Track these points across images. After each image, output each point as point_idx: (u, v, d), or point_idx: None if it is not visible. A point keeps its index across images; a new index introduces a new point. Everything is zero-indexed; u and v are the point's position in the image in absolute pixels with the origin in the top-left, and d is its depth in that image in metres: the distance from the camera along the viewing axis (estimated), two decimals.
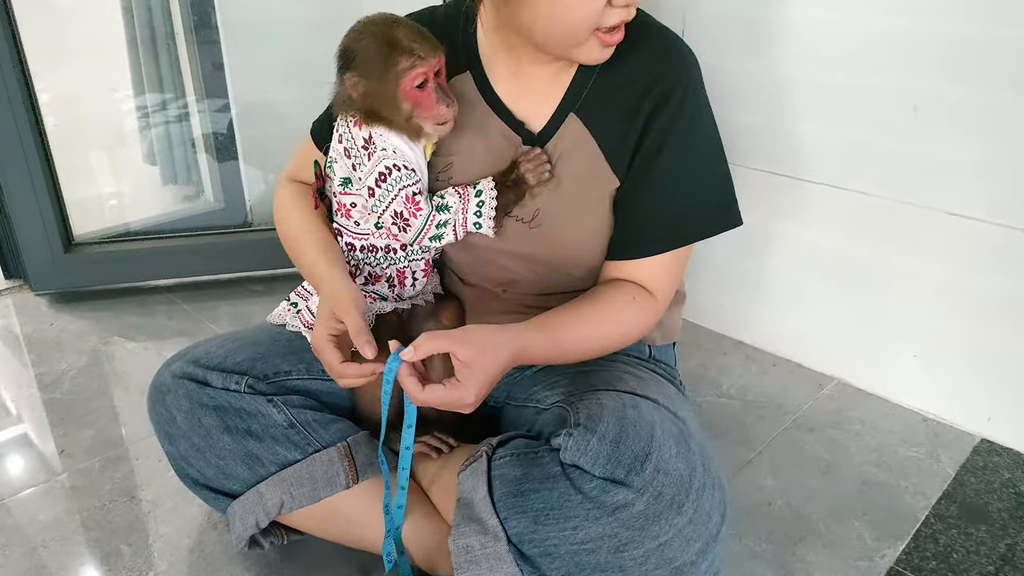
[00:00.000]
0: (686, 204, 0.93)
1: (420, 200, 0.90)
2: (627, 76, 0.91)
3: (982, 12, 1.07)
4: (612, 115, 0.92)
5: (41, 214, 1.59)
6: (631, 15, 0.85)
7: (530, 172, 0.91)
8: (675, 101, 0.90)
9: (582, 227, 0.95)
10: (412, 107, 0.86)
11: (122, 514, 1.09)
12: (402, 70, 0.84)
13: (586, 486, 0.80)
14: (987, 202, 1.14)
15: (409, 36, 0.85)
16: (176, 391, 0.99)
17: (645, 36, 0.91)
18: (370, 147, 0.89)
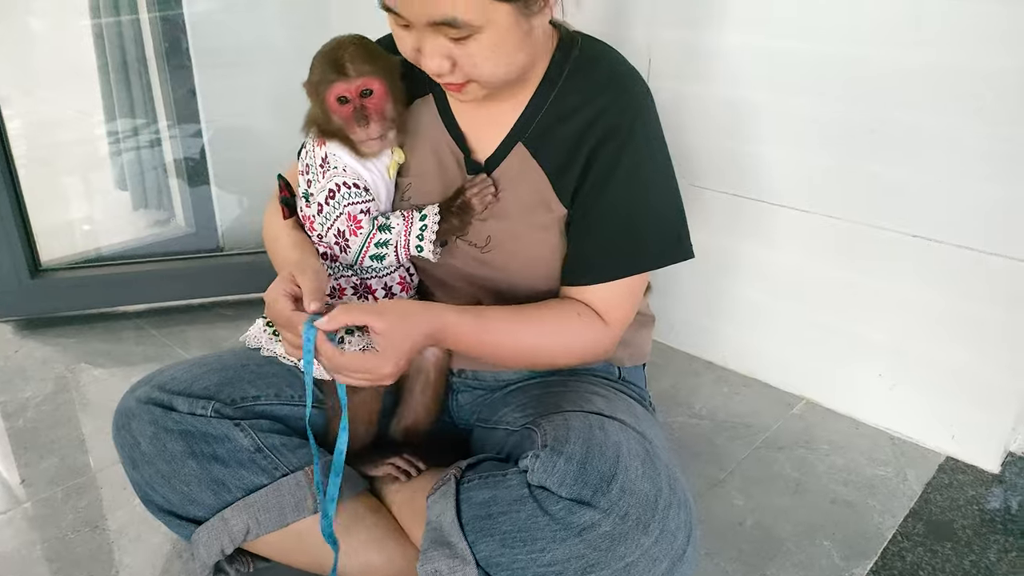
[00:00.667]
0: (634, 235, 0.93)
1: (362, 220, 0.93)
2: (575, 107, 0.92)
3: (934, 39, 1.10)
4: (558, 145, 0.93)
5: (7, 239, 1.57)
6: (443, 81, 0.86)
7: (475, 197, 0.93)
8: (622, 133, 0.90)
9: (530, 253, 0.96)
10: (340, 122, 0.90)
11: (85, 544, 1.07)
12: (327, 82, 0.89)
13: (553, 507, 0.80)
14: (947, 224, 1.17)
15: (350, 54, 0.89)
16: (141, 416, 0.97)
17: (595, 68, 0.93)
18: (326, 165, 0.93)
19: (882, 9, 1.13)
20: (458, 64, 0.83)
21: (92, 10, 1.88)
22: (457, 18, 0.77)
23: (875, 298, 1.27)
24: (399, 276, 1.00)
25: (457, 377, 1.08)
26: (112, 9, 1.88)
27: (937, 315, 1.21)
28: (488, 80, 0.85)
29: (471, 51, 0.81)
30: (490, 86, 0.87)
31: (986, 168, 1.11)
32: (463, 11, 0.77)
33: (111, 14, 1.88)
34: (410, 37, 0.83)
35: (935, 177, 1.16)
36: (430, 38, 0.81)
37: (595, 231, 0.93)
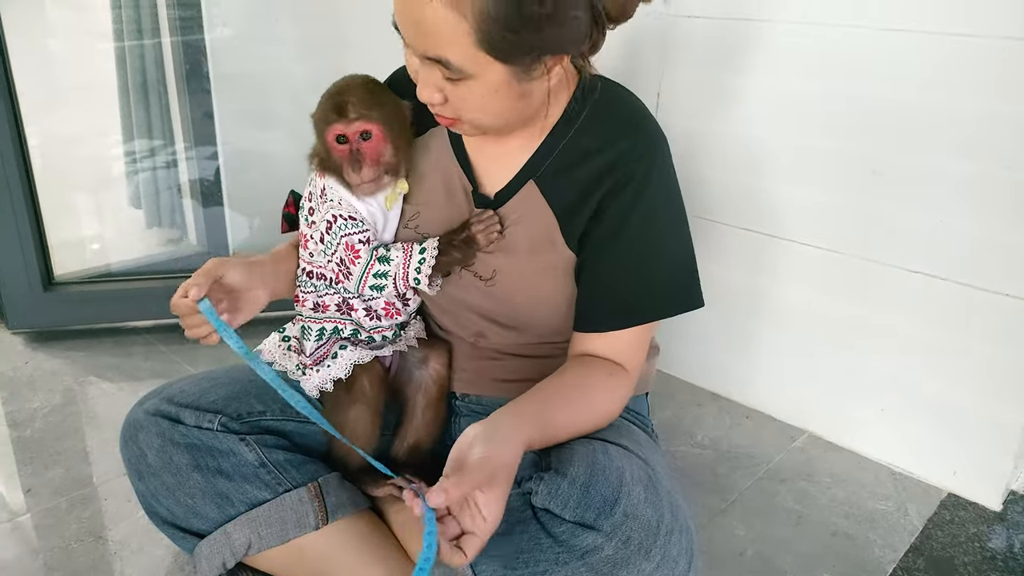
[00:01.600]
0: (648, 284, 0.93)
1: (361, 249, 0.94)
2: (590, 151, 0.92)
3: (939, 81, 1.13)
4: (570, 187, 0.93)
5: (23, 252, 1.60)
6: (434, 111, 0.86)
7: (480, 233, 0.94)
8: (638, 181, 0.90)
9: (535, 292, 0.97)
10: (337, 160, 0.92)
11: (87, 554, 1.07)
12: (327, 122, 0.91)
13: (556, 529, 0.80)
14: (950, 262, 1.18)
15: (353, 97, 0.90)
16: (148, 428, 0.99)
17: (613, 113, 0.93)
18: (325, 196, 0.95)
19: (887, 53, 1.16)
20: (449, 100, 0.83)
21: (116, 33, 1.93)
22: (450, 60, 0.78)
23: (878, 333, 1.28)
24: (384, 303, 1.00)
25: (460, 401, 1.08)
26: (135, 32, 1.92)
27: (940, 351, 1.22)
28: (476, 125, 0.86)
29: (461, 93, 0.82)
30: (479, 130, 0.88)
31: (988, 208, 1.13)
32: (456, 57, 0.78)
33: (134, 37, 1.93)
34: (412, 61, 0.84)
35: (938, 216, 1.17)
36: (425, 68, 0.82)
37: (609, 279, 0.93)
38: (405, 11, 0.78)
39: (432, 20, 0.75)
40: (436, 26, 0.76)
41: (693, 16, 1.36)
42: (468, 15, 0.74)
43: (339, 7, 1.87)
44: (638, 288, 0.93)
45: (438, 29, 0.76)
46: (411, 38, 0.80)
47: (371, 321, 1.00)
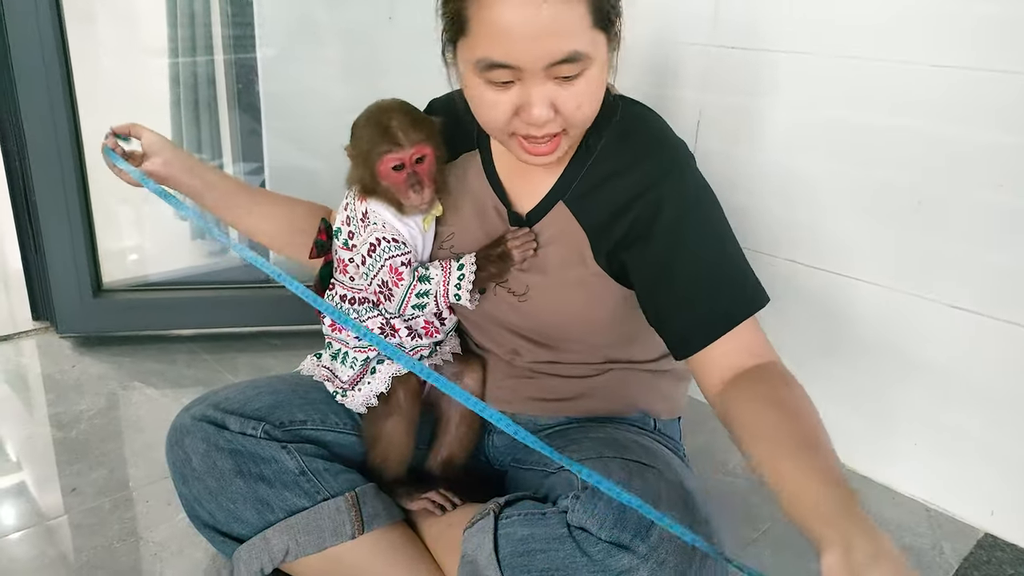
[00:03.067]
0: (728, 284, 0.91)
1: (404, 271, 0.97)
2: (616, 170, 0.94)
3: (980, 116, 1.13)
4: (599, 206, 0.95)
5: (75, 260, 1.65)
6: (543, 132, 0.86)
7: (516, 249, 0.96)
8: (674, 198, 0.91)
9: (565, 309, 0.98)
10: (389, 186, 0.94)
11: (128, 554, 1.10)
12: (381, 151, 0.93)
13: (592, 549, 0.81)
14: (988, 297, 1.18)
15: (400, 123, 0.93)
16: (194, 433, 1.02)
17: (636, 131, 0.95)
18: (366, 220, 0.97)
19: (927, 85, 1.17)
20: (561, 110, 0.85)
21: (171, 51, 2.00)
22: (577, 50, 0.80)
23: (915, 367, 1.28)
24: (424, 321, 1.03)
25: None
26: (190, 50, 2.00)
27: (978, 388, 1.21)
28: (582, 124, 0.88)
29: (578, 90, 0.83)
30: (577, 133, 0.89)
31: None
32: (582, 44, 0.80)
33: (188, 55, 2.00)
34: (508, 97, 0.84)
35: (981, 251, 1.17)
36: (538, 86, 0.83)
37: (687, 293, 0.91)
38: (521, 27, 0.79)
39: (553, 18, 0.78)
40: (558, 22, 0.79)
41: (734, 47, 1.39)
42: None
43: (380, 33, 1.92)
44: (722, 290, 0.91)
45: (560, 25, 0.79)
46: (532, 53, 0.80)
47: (412, 340, 1.02)
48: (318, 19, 1.99)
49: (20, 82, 1.51)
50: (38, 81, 1.52)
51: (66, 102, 1.55)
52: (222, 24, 1.96)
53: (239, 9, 1.93)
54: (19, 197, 1.65)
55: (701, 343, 0.90)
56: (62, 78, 1.53)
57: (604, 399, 1.06)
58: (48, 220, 1.61)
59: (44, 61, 1.50)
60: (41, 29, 1.48)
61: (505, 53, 0.81)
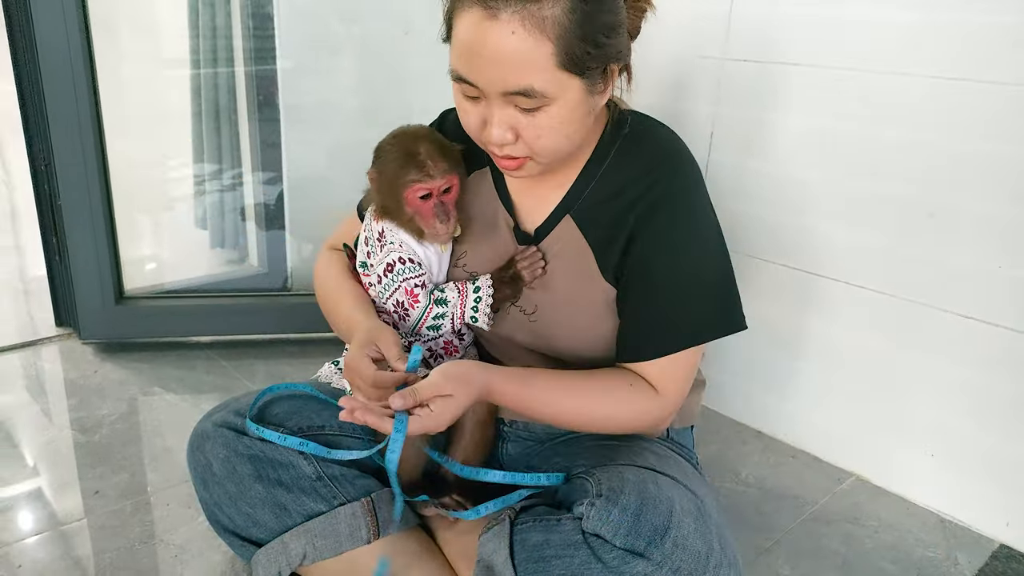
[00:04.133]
0: (681, 310, 0.94)
1: (419, 293, 0.98)
2: (623, 184, 0.95)
3: (994, 130, 1.14)
4: (604, 220, 0.96)
5: (98, 268, 1.69)
6: (503, 153, 0.88)
7: (525, 269, 0.98)
8: (667, 208, 0.93)
9: (573, 324, 0.99)
10: (413, 214, 0.95)
11: (150, 556, 1.12)
12: (409, 180, 0.94)
13: (606, 555, 0.82)
14: (1003, 308, 1.18)
15: (428, 152, 0.94)
16: (215, 439, 1.04)
17: (643, 146, 0.96)
18: (383, 240, 0.99)
19: (937, 97, 1.18)
20: (522, 136, 0.86)
21: (192, 63, 2.04)
22: (534, 87, 0.81)
23: (929, 377, 1.28)
24: (443, 341, 1.04)
25: (508, 427, 1.11)
26: (211, 61, 2.03)
27: (993, 399, 1.21)
28: (547, 154, 0.89)
29: (539, 122, 0.85)
30: (546, 161, 0.90)
31: None
32: (540, 82, 0.81)
33: (210, 66, 2.04)
34: (477, 110, 0.87)
35: (995, 262, 1.17)
36: (499, 109, 0.85)
37: (645, 307, 0.94)
38: (482, 51, 0.81)
39: (514, 50, 0.79)
40: (519, 55, 0.79)
41: (746, 60, 1.40)
42: (551, 36, 0.79)
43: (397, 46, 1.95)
44: (676, 314, 0.94)
45: (521, 58, 0.79)
46: (488, 77, 0.82)
47: (434, 361, 1.04)
48: (336, 32, 2.02)
49: (48, 92, 1.55)
50: (66, 90, 1.55)
51: (92, 111, 1.58)
52: (243, 37, 1.99)
53: (260, 22, 1.97)
54: (45, 205, 1.69)
55: (632, 358, 0.96)
56: (88, 88, 1.57)
57: None
58: (73, 228, 1.65)
59: (72, 71, 1.54)
60: (70, 40, 1.52)
61: (467, 70, 0.83)
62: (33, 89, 1.58)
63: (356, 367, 0.91)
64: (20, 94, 1.62)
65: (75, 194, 1.62)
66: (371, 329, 0.94)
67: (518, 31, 0.78)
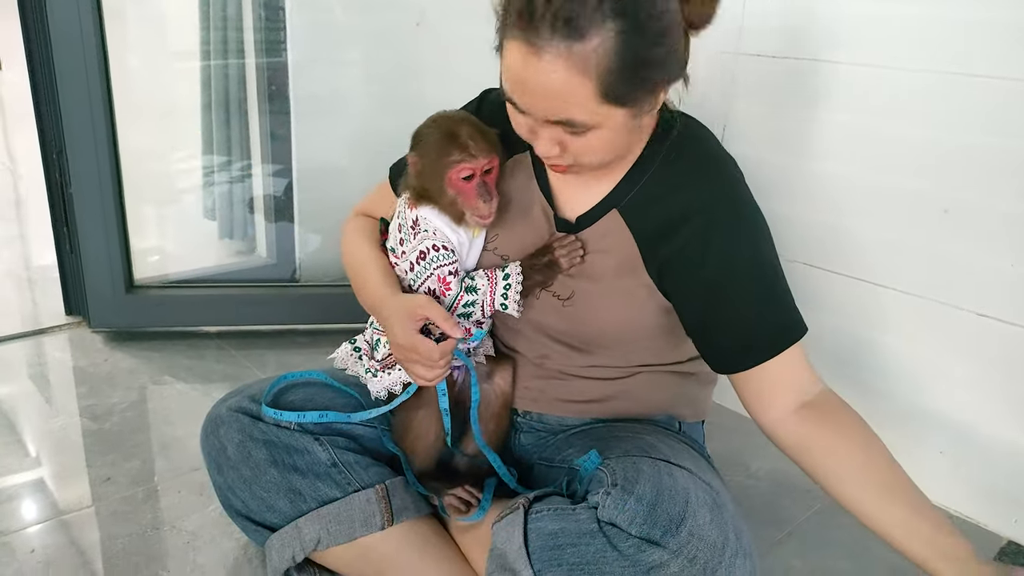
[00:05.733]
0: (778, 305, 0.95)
1: (451, 281, 0.98)
2: (671, 185, 0.95)
3: (1008, 126, 1.14)
4: (653, 222, 0.96)
5: (109, 257, 1.69)
6: (551, 162, 0.90)
7: (563, 257, 0.97)
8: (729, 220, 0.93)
9: (610, 316, 0.99)
10: (456, 195, 0.95)
11: (162, 542, 1.13)
12: (452, 161, 0.94)
13: (622, 544, 0.82)
14: (1016, 305, 1.18)
15: (469, 133, 0.94)
16: (230, 424, 1.04)
17: (690, 147, 0.96)
18: (417, 228, 0.99)
19: (953, 95, 1.18)
20: (568, 150, 0.87)
21: (203, 54, 2.04)
22: (575, 120, 0.82)
23: (939, 375, 1.28)
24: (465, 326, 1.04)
25: (522, 418, 1.11)
26: (221, 53, 2.04)
27: (1003, 396, 1.21)
28: (593, 166, 0.90)
29: (583, 143, 0.86)
30: (592, 169, 0.92)
31: None
32: (582, 115, 0.82)
33: (220, 57, 2.04)
34: (526, 121, 0.88)
35: (1008, 260, 1.18)
36: (544, 128, 0.86)
37: (738, 319, 0.94)
38: (525, 82, 0.81)
39: (556, 86, 0.79)
40: (560, 91, 0.80)
41: (760, 55, 1.40)
42: (592, 75, 0.78)
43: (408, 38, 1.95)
44: (771, 315, 0.94)
45: (561, 94, 0.80)
46: (531, 105, 0.83)
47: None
48: (347, 24, 2.02)
49: (61, 79, 1.55)
50: (78, 78, 1.55)
51: (104, 99, 1.59)
52: (254, 28, 1.99)
53: (271, 13, 1.97)
54: (55, 193, 1.69)
55: (750, 363, 0.94)
56: (101, 76, 1.57)
57: (632, 401, 1.07)
58: (84, 216, 1.65)
59: (84, 58, 1.54)
60: (83, 27, 1.52)
61: (515, 95, 0.84)
62: (45, 77, 1.59)
63: (412, 345, 0.93)
64: (32, 82, 1.62)
65: (87, 182, 1.62)
66: (407, 304, 0.95)
67: (560, 71, 0.78)
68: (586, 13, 0.76)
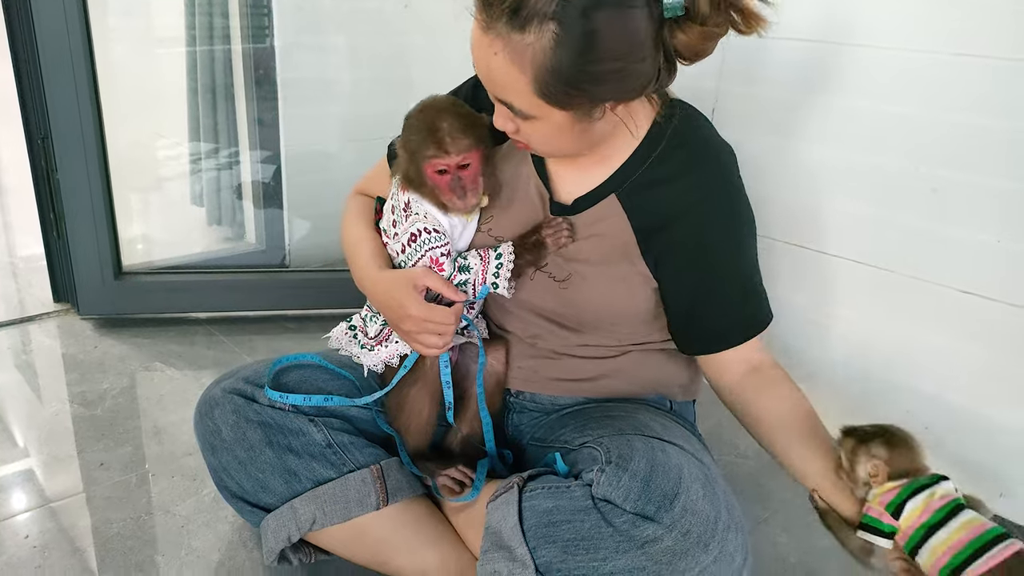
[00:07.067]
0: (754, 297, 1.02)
1: (444, 262, 0.99)
2: (671, 177, 0.96)
3: (996, 105, 1.15)
4: (651, 210, 0.97)
5: (97, 244, 1.68)
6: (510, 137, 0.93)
7: (550, 237, 0.99)
8: (723, 213, 0.97)
9: (605, 298, 1.01)
10: (433, 187, 0.97)
11: (156, 526, 1.13)
12: (427, 155, 0.95)
13: (617, 520, 0.83)
14: (1001, 282, 1.20)
15: (449, 128, 0.94)
16: (224, 405, 1.04)
17: (689, 137, 0.97)
18: (408, 210, 0.99)
19: (941, 74, 1.19)
20: (520, 130, 0.90)
21: (188, 38, 2.02)
22: (514, 105, 0.85)
23: (924, 352, 1.30)
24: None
25: (515, 398, 1.12)
26: (207, 39, 2.02)
27: (988, 372, 1.23)
28: (544, 153, 0.94)
29: (528, 129, 0.89)
30: (548, 155, 0.95)
31: None
32: (519, 103, 0.84)
33: (206, 43, 2.02)
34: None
35: (986, 237, 1.19)
36: (498, 103, 0.88)
37: (721, 307, 1.00)
38: (476, 56, 0.85)
39: (497, 68, 0.82)
40: (500, 75, 0.82)
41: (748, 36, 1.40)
42: (528, 70, 0.80)
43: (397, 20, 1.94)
44: (749, 305, 1.01)
45: (502, 78, 0.82)
46: (482, 79, 0.87)
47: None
48: (335, 7, 2.01)
49: (45, 63, 1.53)
50: (64, 67, 1.54)
51: (89, 83, 1.57)
52: (240, 14, 1.98)
53: None
54: (42, 182, 1.67)
55: (721, 348, 1.02)
56: (86, 60, 1.55)
57: (624, 379, 1.08)
58: (71, 202, 1.63)
59: (69, 43, 1.53)
60: (67, 12, 1.50)
61: (474, 63, 0.87)
62: (29, 62, 1.57)
63: (428, 314, 0.95)
64: (16, 67, 1.60)
65: (73, 167, 1.61)
66: (407, 276, 0.97)
67: (500, 54, 0.80)
68: (533, 7, 0.77)
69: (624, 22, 0.78)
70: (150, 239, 2.02)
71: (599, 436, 0.97)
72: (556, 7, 0.76)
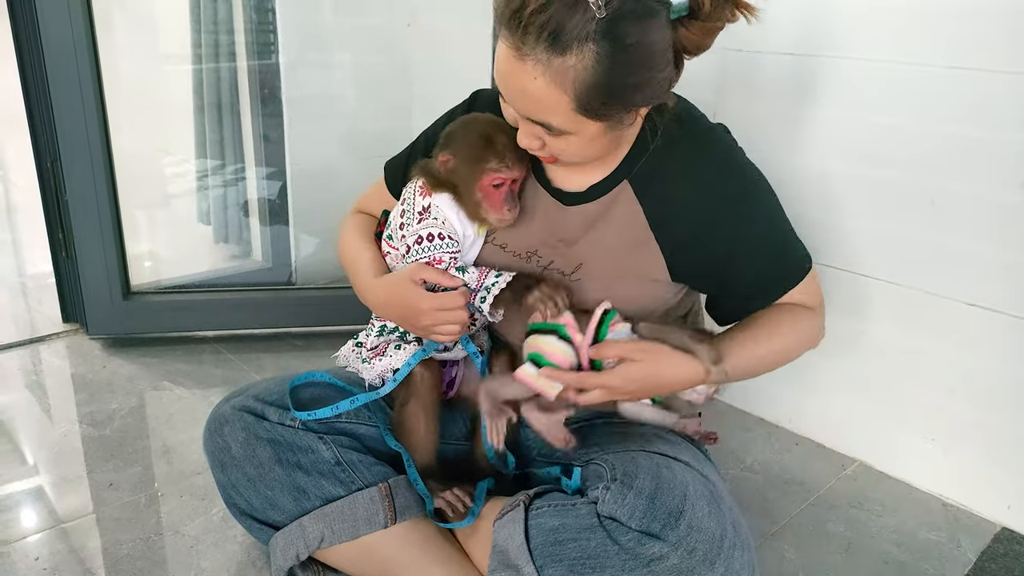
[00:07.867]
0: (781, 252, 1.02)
1: (445, 258, 1.00)
2: (678, 169, 0.97)
3: (993, 117, 1.16)
4: (663, 201, 0.98)
5: (105, 264, 1.69)
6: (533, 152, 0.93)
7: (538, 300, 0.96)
8: (737, 199, 0.97)
9: (616, 287, 1.00)
10: (482, 199, 0.97)
11: (166, 547, 1.14)
12: (487, 168, 0.96)
13: (622, 538, 0.84)
14: (1003, 294, 1.20)
15: (505, 143, 0.96)
16: (234, 422, 1.05)
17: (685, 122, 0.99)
18: (425, 215, 1.00)
19: (939, 87, 1.19)
20: (548, 146, 0.91)
21: (194, 57, 2.04)
22: (552, 124, 0.86)
23: (931, 364, 1.30)
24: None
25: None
26: (213, 56, 2.04)
27: (993, 384, 1.23)
28: (572, 163, 0.95)
29: (560, 145, 0.89)
30: (574, 165, 0.96)
31: None
32: (558, 122, 0.85)
33: (212, 60, 2.04)
34: (512, 113, 0.92)
35: (988, 248, 1.19)
36: (527, 124, 0.89)
37: (745, 267, 0.99)
38: (508, 81, 0.85)
39: (535, 92, 0.83)
40: (538, 97, 0.83)
41: (745, 51, 1.41)
42: (569, 89, 0.81)
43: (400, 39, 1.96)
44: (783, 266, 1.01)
45: (539, 100, 0.83)
46: (513, 103, 0.87)
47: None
48: (339, 25, 2.03)
49: (54, 87, 1.55)
50: (71, 85, 1.55)
51: (97, 106, 1.59)
52: (245, 31, 2.00)
53: (262, 16, 1.97)
54: (51, 202, 1.69)
55: (752, 311, 1.03)
56: (93, 82, 1.57)
57: None
58: (80, 223, 1.65)
59: (77, 65, 1.54)
60: (75, 34, 1.52)
61: (500, 88, 0.88)
62: (38, 84, 1.59)
63: (440, 303, 0.96)
64: (25, 89, 1.62)
65: (82, 189, 1.63)
66: (406, 274, 0.99)
67: (539, 79, 0.81)
68: (572, 31, 0.78)
69: (653, 31, 0.81)
70: (157, 257, 2.04)
71: (603, 453, 0.98)
72: (595, 27, 0.78)
